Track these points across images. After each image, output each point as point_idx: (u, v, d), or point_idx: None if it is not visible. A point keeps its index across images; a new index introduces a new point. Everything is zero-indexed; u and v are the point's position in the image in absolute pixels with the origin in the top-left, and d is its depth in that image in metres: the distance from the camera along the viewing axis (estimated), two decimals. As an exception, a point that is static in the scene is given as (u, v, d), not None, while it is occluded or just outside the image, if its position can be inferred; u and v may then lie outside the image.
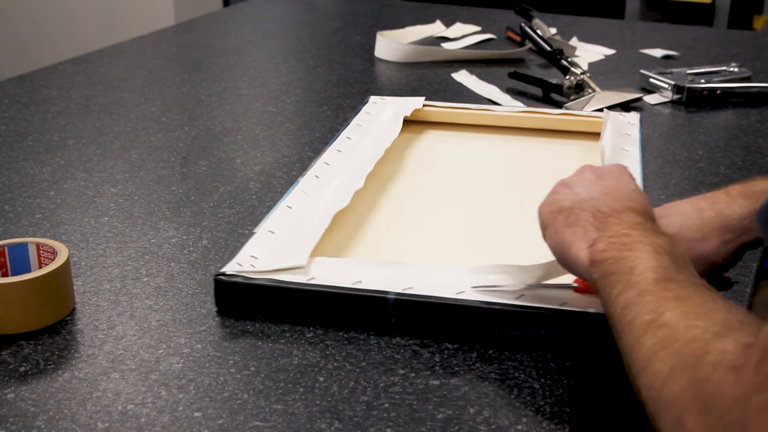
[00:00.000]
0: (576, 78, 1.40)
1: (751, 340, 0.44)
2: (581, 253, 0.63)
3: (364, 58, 1.68)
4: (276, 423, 0.63)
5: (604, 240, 0.62)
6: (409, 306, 0.75)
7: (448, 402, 0.66)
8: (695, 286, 0.55)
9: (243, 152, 1.18)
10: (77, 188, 1.05)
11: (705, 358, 0.46)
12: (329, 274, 0.78)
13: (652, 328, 0.52)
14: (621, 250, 0.60)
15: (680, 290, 0.54)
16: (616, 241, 0.61)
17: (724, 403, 0.43)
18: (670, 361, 0.48)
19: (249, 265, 0.79)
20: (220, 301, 0.78)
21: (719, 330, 0.48)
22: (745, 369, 0.43)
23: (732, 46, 1.81)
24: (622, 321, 0.56)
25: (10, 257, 0.79)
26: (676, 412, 0.47)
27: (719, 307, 0.51)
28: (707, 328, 0.48)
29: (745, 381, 0.43)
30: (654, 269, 0.56)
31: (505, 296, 0.74)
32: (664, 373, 0.49)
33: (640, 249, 0.59)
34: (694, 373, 0.46)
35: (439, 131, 1.24)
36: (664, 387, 0.48)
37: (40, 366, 0.71)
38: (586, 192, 0.67)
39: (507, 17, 1.97)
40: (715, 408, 0.44)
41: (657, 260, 0.57)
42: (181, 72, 1.58)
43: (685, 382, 0.47)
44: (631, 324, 0.54)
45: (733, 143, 1.24)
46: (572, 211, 0.66)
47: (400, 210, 0.98)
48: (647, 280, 0.56)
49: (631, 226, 0.62)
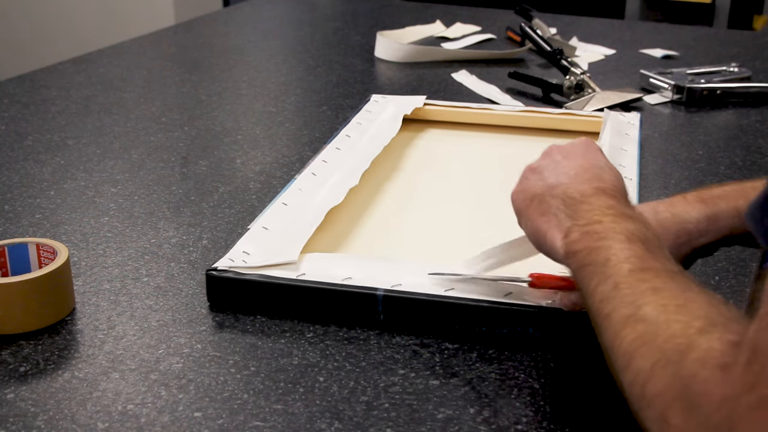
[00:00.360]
0: (576, 78, 1.40)
1: (737, 338, 0.44)
2: (556, 243, 0.63)
3: (364, 58, 1.68)
4: (276, 423, 0.63)
5: (577, 229, 0.61)
6: (398, 303, 0.75)
7: (448, 402, 0.66)
8: (671, 273, 0.54)
9: (243, 152, 1.18)
10: (77, 188, 1.05)
11: (689, 355, 0.46)
12: (320, 271, 0.78)
13: (631, 323, 0.51)
14: (594, 239, 0.59)
15: (657, 280, 0.54)
16: (589, 230, 0.60)
17: (711, 402, 0.43)
18: (652, 357, 0.48)
19: (241, 260, 0.79)
20: (212, 297, 0.79)
21: (701, 325, 0.47)
22: (733, 368, 0.43)
23: (732, 46, 1.81)
24: (600, 314, 0.55)
25: (10, 257, 0.79)
26: (660, 408, 0.47)
27: (697, 297, 0.51)
28: (688, 322, 0.48)
29: (733, 380, 0.42)
30: (628, 259, 0.56)
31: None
32: (646, 369, 0.48)
33: (613, 238, 0.58)
34: (678, 370, 0.46)
35: (439, 130, 1.24)
36: (647, 384, 0.48)
37: (40, 366, 0.71)
38: (554, 177, 0.67)
39: (507, 17, 1.97)
40: (702, 406, 0.43)
41: (631, 249, 0.57)
42: (181, 72, 1.58)
43: (669, 379, 0.46)
44: (609, 318, 0.54)
45: (733, 143, 1.24)
46: (543, 199, 0.66)
47: (397, 208, 0.98)
48: (622, 271, 0.55)
49: (603, 212, 0.61)
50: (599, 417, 0.65)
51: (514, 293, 0.74)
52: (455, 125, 1.25)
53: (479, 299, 0.74)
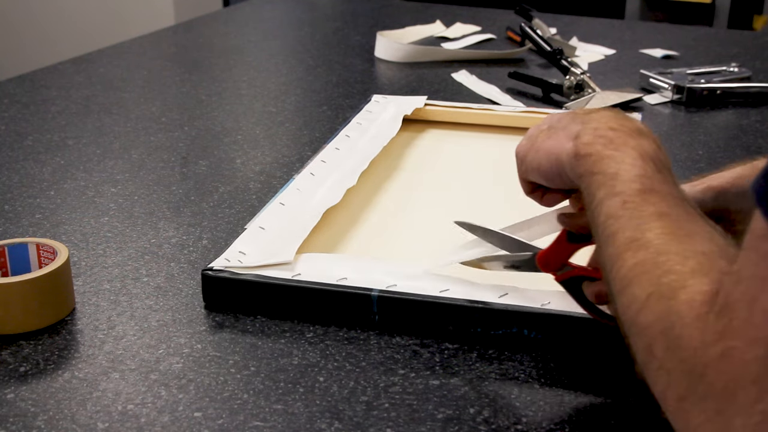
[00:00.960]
0: (576, 78, 1.40)
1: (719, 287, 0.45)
2: (567, 145, 0.61)
3: (364, 58, 1.68)
4: (276, 423, 0.63)
5: (589, 132, 0.60)
6: (393, 303, 0.75)
7: (448, 402, 0.66)
8: (677, 200, 0.55)
9: (243, 152, 1.18)
10: (77, 188, 1.05)
11: (680, 295, 0.47)
12: (316, 271, 0.78)
13: (633, 247, 0.52)
14: (606, 145, 0.58)
15: (663, 203, 0.54)
16: (601, 134, 0.59)
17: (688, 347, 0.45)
18: (648, 288, 0.49)
19: (237, 260, 0.79)
20: (207, 296, 0.79)
21: (695, 265, 0.48)
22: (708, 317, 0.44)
23: (732, 46, 1.81)
24: (605, 231, 0.55)
25: (10, 257, 0.79)
26: (647, 340, 0.48)
27: (699, 230, 0.52)
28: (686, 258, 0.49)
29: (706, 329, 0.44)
30: (639, 178, 0.56)
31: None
32: (641, 299, 0.50)
33: (625, 151, 0.57)
34: (667, 307, 0.47)
35: (439, 130, 1.24)
36: (639, 313, 0.49)
37: (40, 366, 0.71)
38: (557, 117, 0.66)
39: (507, 17, 1.97)
40: (681, 349, 0.45)
41: (642, 168, 0.56)
42: (181, 72, 1.58)
43: (658, 314, 0.48)
44: (614, 237, 0.54)
45: (733, 143, 1.24)
46: (550, 127, 0.65)
47: (395, 208, 0.98)
48: (631, 190, 0.55)
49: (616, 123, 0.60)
50: (599, 417, 0.65)
51: (510, 294, 0.74)
52: (455, 125, 1.25)
53: (474, 300, 0.74)
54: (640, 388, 0.68)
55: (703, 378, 0.44)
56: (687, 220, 0.53)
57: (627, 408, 0.66)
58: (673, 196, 0.55)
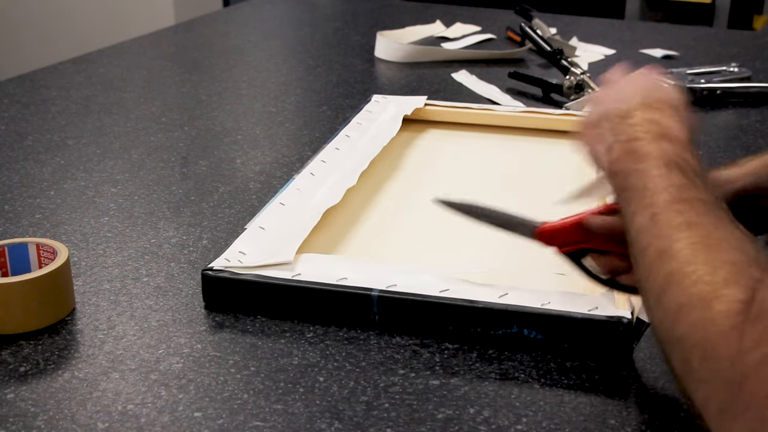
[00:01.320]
0: (576, 78, 1.40)
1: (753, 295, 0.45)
2: (604, 160, 0.64)
3: (364, 58, 1.68)
4: (276, 423, 0.63)
5: (618, 147, 0.62)
6: (393, 303, 0.75)
7: (448, 402, 0.66)
8: (706, 206, 0.55)
9: (243, 152, 1.18)
10: (77, 188, 1.05)
11: (713, 305, 0.47)
12: (316, 271, 0.78)
13: (664, 259, 0.53)
14: (632, 159, 0.60)
15: (691, 212, 0.54)
16: (628, 148, 0.61)
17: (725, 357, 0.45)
18: (679, 299, 0.49)
19: (237, 260, 0.79)
20: (207, 296, 0.79)
21: (727, 274, 0.48)
22: (745, 325, 0.44)
23: (732, 46, 1.81)
24: (638, 246, 0.56)
25: (10, 257, 0.79)
26: (683, 352, 0.48)
27: (729, 237, 0.52)
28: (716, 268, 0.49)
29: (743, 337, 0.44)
30: (666, 189, 0.56)
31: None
32: (673, 311, 0.50)
33: (650, 162, 0.59)
34: (700, 318, 0.47)
35: (439, 130, 1.24)
36: (673, 325, 0.49)
37: (40, 366, 0.71)
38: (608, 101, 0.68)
39: (507, 17, 1.97)
40: (718, 359, 0.45)
41: (668, 178, 0.57)
42: (181, 72, 1.58)
43: (691, 325, 0.48)
44: (645, 252, 0.55)
45: (733, 143, 1.24)
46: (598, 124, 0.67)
47: (395, 208, 0.98)
48: (659, 201, 0.56)
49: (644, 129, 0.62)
50: (599, 417, 0.65)
51: (510, 294, 0.74)
52: (455, 125, 1.25)
53: (474, 300, 0.74)
54: (641, 388, 0.68)
55: (743, 387, 0.43)
56: (716, 227, 0.53)
57: (627, 408, 0.66)
58: (703, 202, 0.55)
